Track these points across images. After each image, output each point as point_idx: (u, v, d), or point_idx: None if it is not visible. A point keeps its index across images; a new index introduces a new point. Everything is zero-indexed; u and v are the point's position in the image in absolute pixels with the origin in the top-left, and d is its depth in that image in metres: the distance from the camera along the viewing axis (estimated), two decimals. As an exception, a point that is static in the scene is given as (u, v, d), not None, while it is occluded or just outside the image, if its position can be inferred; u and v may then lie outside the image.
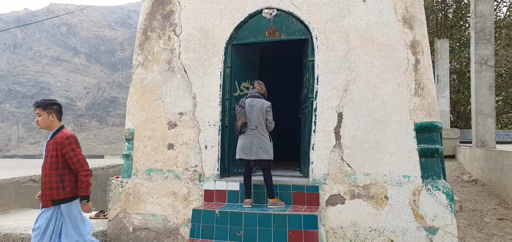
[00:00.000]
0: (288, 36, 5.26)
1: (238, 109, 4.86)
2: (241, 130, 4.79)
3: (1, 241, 5.12)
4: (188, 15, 5.62)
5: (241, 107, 4.84)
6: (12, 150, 53.48)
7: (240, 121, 4.78)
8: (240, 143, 4.84)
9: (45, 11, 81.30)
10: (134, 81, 5.76)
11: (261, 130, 4.80)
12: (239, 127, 4.80)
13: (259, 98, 4.90)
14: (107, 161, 11.89)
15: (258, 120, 4.79)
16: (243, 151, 4.78)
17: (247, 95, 5.00)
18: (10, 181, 6.63)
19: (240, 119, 4.79)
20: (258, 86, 5.03)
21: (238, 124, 4.80)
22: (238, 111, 4.84)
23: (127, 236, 5.34)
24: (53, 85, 66.71)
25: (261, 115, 4.80)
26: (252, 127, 4.78)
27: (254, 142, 4.75)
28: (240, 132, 4.82)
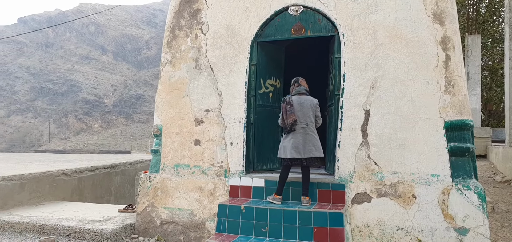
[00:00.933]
0: (314, 33, 5.24)
1: (286, 107, 4.71)
2: (291, 127, 4.68)
3: (37, 231, 5.35)
4: (214, 13, 5.69)
5: (289, 105, 4.70)
6: (44, 145, 55.51)
7: (291, 119, 4.65)
8: (290, 142, 4.69)
9: (75, 11, 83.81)
10: (162, 78, 5.88)
11: (311, 127, 4.76)
12: (290, 125, 4.66)
13: (307, 96, 4.85)
14: (134, 156, 12.19)
15: (308, 117, 4.74)
16: (295, 150, 4.65)
17: (294, 93, 4.88)
18: (45, 174, 6.91)
19: (291, 117, 4.66)
20: (304, 83, 4.94)
21: (288, 122, 4.66)
22: (287, 109, 4.69)
23: (155, 230, 5.48)
24: (82, 83, 68.76)
25: (311, 112, 4.77)
26: (303, 125, 4.70)
27: (307, 140, 4.68)
28: (290, 130, 4.69)
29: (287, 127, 4.70)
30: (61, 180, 7.20)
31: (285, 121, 4.71)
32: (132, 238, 5.39)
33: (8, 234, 5.37)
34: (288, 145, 4.72)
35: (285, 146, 4.75)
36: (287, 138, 4.77)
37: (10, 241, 5.16)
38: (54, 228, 5.30)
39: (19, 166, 8.03)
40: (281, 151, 4.80)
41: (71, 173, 7.45)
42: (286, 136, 4.78)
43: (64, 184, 7.26)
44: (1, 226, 5.50)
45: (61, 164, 8.33)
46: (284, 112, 4.73)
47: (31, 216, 5.75)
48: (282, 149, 4.79)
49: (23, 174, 6.57)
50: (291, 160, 4.73)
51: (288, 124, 4.69)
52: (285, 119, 4.71)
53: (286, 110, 4.72)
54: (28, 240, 5.15)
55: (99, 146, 46.76)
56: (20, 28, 78.48)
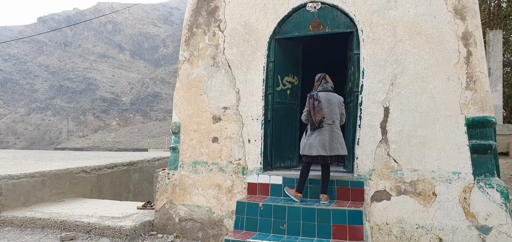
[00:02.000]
0: (333, 30, 5.20)
1: (314, 103, 4.62)
2: (319, 124, 4.61)
3: (58, 227, 5.47)
4: (232, 10, 5.69)
5: (317, 101, 4.63)
6: (62, 142, 56.66)
7: (319, 116, 4.58)
8: (317, 139, 4.60)
9: (92, 9, 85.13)
10: (181, 76, 5.92)
11: (337, 124, 4.71)
12: (318, 122, 4.59)
13: (333, 93, 4.80)
14: (152, 154, 12.33)
15: (335, 114, 4.69)
16: (322, 147, 4.58)
17: (320, 89, 4.80)
18: (65, 171, 7.05)
19: (319, 114, 4.58)
20: (330, 80, 4.88)
21: (317, 118, 4.58)
22: (315, 105, 4.61)
23: (173, 227, 5.53)
24: (100, 81, 69.86)
25: (338, 110, 4.73)
26: (329, 122, 4.64)
27: (333, 137, 4.63)
28: (318, 126, 4.62)
29: (314, 123, 4.61)
30: (81, 177, 7.34)
31: (313, 117, 4.62)
32: (150, 235, 5.46)
33: (30, 230, 5.51)
34: (314, 142, 4.62)
35: (311, 142, 4.65)
36: (312, 135, 4.66)
37: (32, 237, 5.29)
38: (74, 224, 5.41)
39: (40, 163, 8.22)
40: (306, 148, 4.68)
41: (91, 170, 7.59)
42: (312, 133, 4.68)
43: (84, 181, 7.39)
44: (24, 222, 5.64)
45: (80, 161, 8.49)
46: (311, 109, 4.63)
47: (52, 212, 5.88)
48: (307, 146, 4.67)
49: (44, 171, 6.72)
50: (316, 158, 4.66)
51: (316, 121, 4.60)
52: (313, 116, 4.62)
53: (314, 107, 4.62)
54: (50, 236, 5.27)
55: (117, 144, 47.48)
56: (39, 28, 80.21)
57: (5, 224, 5.70)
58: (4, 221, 5.73)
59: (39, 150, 25.71)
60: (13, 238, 5.21)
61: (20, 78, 73.77)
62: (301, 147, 4.79)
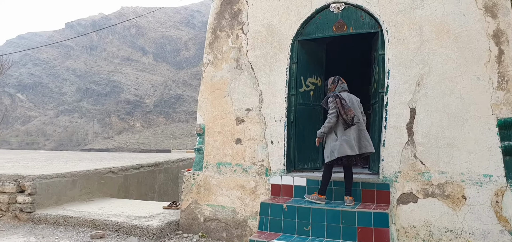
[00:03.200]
0: (357, 30, 5.16)
1: (342, 102, 4.57)
2: (352, 122, 4.53)
3: (88, 225, 5.64)
4: (255, 13, 5.73)
5: (344, 101, 4.59)
6: (88, 143, 58.17)
7: (351, 113, 4.51)
8: (348, 138, 4.53)
9: (117, 14, 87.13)
10: (205, 79, 6.00)
11: (362, 122, 4.72)
12: (351, 119, 4.51)
13: (350, 93, 4.82)
14: (175, 155, 12.52)
15: (359, 113, 4.71)
16: (350, 147, 4.51)
17: (338, 90, 4.79)
18: (94, 171, 7.26)
19: (350, 111, 4.52)
20: (345, 82, 4.91)
21: (349, 116, 4.51)
22: (343, 104, 4.55)
23: (198, 226, 5.61)
24: (124, 84, 71.38)
25: (360, 109, 4.77)
26: (356, 120, 4.60)
27: (361, 135, 4.62)
28: (351, 123, 4.54)
29: (347, 121, 4.52)
30: (109, 177, 7.54)
31: (344, 116, 4.52)
32: (176, 234, 5.55)
33: (62, 228, 5.70)
34: (343, 143, 4.53)
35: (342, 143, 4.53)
36: (344, 135, 4.55)
37: (64, 234, 5.47)
38: (104, 223, 5.56)
39: (70, 163, 8.48)
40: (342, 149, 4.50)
41: (118, 171, 7.78)
42: (342, 133, 4.57)
43: (111, 181, 7.59)
44: (57, 220, 5.84)
45: (107, 162, 8.71)
46: (340, 108, 4.55)
47: (83, 211, 6.06)
48: (338, 148, 4.52)
49: (75, 172, 6.94)
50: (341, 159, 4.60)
51: (348, 119, 4.51)
52: (344, 115, 4.53)
53: (343, 106, 4.56)
54: (81, 234, 5.44)
55: (141, 145, 48.39)
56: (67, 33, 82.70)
57: (40, 221, 5.93)
58: (39, 219, 5.95)
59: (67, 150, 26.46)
60: (47, 235, 5.41)
61: (49, 81, 76.24)
62: (332, 151, 4.61)
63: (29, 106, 73.22)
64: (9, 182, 6.33)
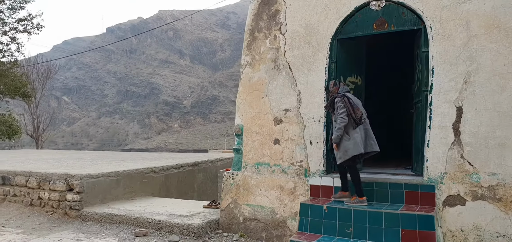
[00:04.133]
0: (398, 27, 5.01)
1: (349, 102, 4.67)
2: (361, 120, 4.62)
3: (132, 223, 5.84)
4: (293, 13, 5.71)
5: (351, 100, 4.71)
6: (129, 144, 60.22)
7: (359, 112, 4.64)
8: (359, 136, 4.59)
9: (155, 18, 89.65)
10: (243, 80, 6.05)
11: (367, 121, 4.79)
12: (359, 118, 4.61)
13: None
14: (213, 155, 12.71)
15: (364, 112, 4.80)
16: (362, 145, 4.59)
17: (342, 91, 4.85)
18: (136, 171, 7.51)
19: (358, 111, 4.64)
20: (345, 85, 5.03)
21: (358, 115, 4.61)
22: (351, 103, 4.66)
23: (238, 226, 5.67)
24: (162, 86, 73.30)
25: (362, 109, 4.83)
26: (363, 119, 4.71)
27: (368, 134, 4.70)
28: (359, 122, 4.62)
29: (356, 120, 4.61)
30: (150, 176, 7.77)
31: (353, 116, 4.61)
32: (216, 233, 5.63)
33: (108, 225, 5.94)
34: (356, 141, 4.58)
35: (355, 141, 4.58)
36: (355, 133, 4.61)
37: (110, 231, 5.70)
38: (146, 221, 5.74)
39: (114, 163, 8.81)
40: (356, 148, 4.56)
41: (159, 170, 8.01)
42: (353, 131, 4.62)
43: (153, 181, 7.82)
44: (103, 218, 6.10)
45: (149, 162, 8.98)
46: (348, 107, 4.63)
47: (127, 209, 6.29)
48: (353, 147, 4.56)
49: (118, 171, 7.21)
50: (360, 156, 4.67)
51: (357, 118, 4.61)
52: (352, 114, 4.62)
53: (351, 105, 4.65)
54: (125, 231, 5.65)
55: (179, 145, 49.52)
56: (108, 37, 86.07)
57: (87, 218, 6.22)
58: (86, 216, 6.24)
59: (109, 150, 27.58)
60: (95, 232, 5.66)
61: (91, 84, 79.68)
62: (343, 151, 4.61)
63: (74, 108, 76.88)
64: (59, 181, 6.68)
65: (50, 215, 6.57)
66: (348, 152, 4.59)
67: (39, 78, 34.01)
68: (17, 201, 7.19)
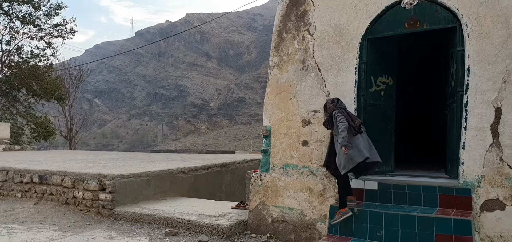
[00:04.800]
0: (431, 26, 4.87)
1: (347, 112, 4.79)
2: (360, 128, 4.65)
3: (162, 223, 5.94)
4: (322, 13, 5.66)
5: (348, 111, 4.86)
6: (158, 145, 61.43)
7: (358, 121, 4.71)
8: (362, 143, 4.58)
9: (182, 21, 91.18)
10: (270, 81, 6.04)
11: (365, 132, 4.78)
12: (358, 127, 4.63)
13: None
14: (241, 156, 12.77)
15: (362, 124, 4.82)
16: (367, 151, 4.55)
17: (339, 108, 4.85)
18: (166, 172, 7.64)
19: (357, 120, 4.74)
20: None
21: (357, 123, 4.64)
22: (348, 113, 4.79)
23: (266, 227, 5.66)
24: (190, 88, 74.39)
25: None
26: (363, 129, 4.73)
27: (370, 143, 4.70)
28: (359, 131, 4.63)
29: (355, 127, 4.61)
30: (180, 177, 7.89)
31: (352, 124, 4.63)
32: (245, 234, 5.65)
33: (139, 224, 6.07)
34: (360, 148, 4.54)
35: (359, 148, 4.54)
36: (357, 141, 4.59)
37: (141, 230, 5.82)
38: (176, 221, 5.83)
39: (144, 164, 9.00)
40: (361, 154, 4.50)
41: (188, 171, 8.12)
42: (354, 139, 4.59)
43: (182, 181, 7.93)
44: (134, 217, 6.24)
45: (178, 162, 9.11)
46: (347, 117, 4.67)
47: (157, 209, 6.40)
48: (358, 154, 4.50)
49: (149, 172, 7.36)
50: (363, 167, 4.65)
51: (356, 126, 4.62)
52: (352, 123, 4.63)
53: (349, 115, 4.74)
54: (156, 231, 5.75)
55: (206, 146, 50.09)
56: (137, 41, 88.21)
57: (119, 218, 6.38)
58: (118, 215, 6.40)
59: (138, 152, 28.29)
60: (126, 231, 5.80)
61: (122, 87, 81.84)
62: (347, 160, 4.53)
63: (105, 110, 79.20)
64: (92, 180, 6.88)
65: (84, 214, 6.78)
66: (353, 159, 4.51)
67: (72, 81, 35.23)
68: (53, 200, 7.46)
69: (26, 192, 7.94)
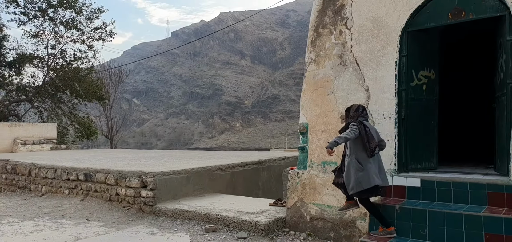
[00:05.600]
0: (478, 16, 4.63)
1: (365, 130, 4.39)
2: (373, 152, 4.36)
3: (202, 219, 6.05)
4: (359, 6, 5.53)
5: (367, 128, 4.42)
6: (194, 143, 62.62)
7: (374, 143, 4.36)
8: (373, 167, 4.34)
9: (216, 20, 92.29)
10: (307, 77, 5.99)
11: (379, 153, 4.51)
12: (372, 150, 4.34)
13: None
14: (276, 153, 12.75)
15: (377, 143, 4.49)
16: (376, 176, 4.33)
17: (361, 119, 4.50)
18: (205, 169, 7.77)
19: (373, 142, 4.36)
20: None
21: (372, 146, 4.34)
22: (367, 131, 4.38)
23: (305, 225, 5.62)
24: (225, 87, 75.20)
25: (378, 139, 4.52)
26: (377, 151, 4.44)
27: (381, 166, 4.50)
28: (372, 154, 4.35)
29: (370, 150, 4.31)
30: (218, 174, 8.00)
31: (368, 145, 4.32)
32: (283, 231, 5.64)
33: (180, 221, 6.22)
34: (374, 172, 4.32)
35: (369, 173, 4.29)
36: (369, 164, 4.32)
37: (181, 226, 5.96)
38: (216, 217, 5.92)
39: (183, 161, 9.20)
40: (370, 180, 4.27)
41: (225, 168, 8.21)
42: (367, 161, 4.33)
43: (220, 178, 8.04)
44: (174, 213, 6.40)
45: (215, 160, 9.24)
46: (364, 135, 4.33)
47: (197, 206, 6.53)
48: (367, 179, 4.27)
49: (188, 169, 7.52)
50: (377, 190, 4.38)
51: (371, 148, 4.31)
52: (367, 143, 4.32)
53: (367, 133, 4.36)
54: (196, 227, 5.87)
55: (241, 144, 50.53)
56: (173, 41, 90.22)
57: (160, 214, 6.56)
58: (159, 212, 6.59)
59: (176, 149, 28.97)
60: (167, 227, 5.96)
61: (159, 87, 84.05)
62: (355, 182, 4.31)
63: (143, 110, 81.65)
64: (134, 178, 7.11)
65: (126, 210, 7.02)
66: (361, 183, 4.30)
67: (112, 82, 36.50)
68: (98, 196, 7.79)
69: (73, 189, 8.34)
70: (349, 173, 4.43)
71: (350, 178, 4.40)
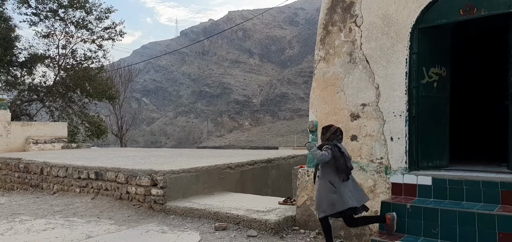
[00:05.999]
0: (490, 11, 4.57)
1: (340, 151, 4.41)
2: (348, 177, 4.39)
3: (212, 217, 6.07)
4: (369, 4, 5.49)
5: (342, 149, 4.46)
6: (203, 141, 62.85)
7: (350, 165, 4.43)
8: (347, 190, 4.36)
9: (225, 19, 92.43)
10: (316, 75, 5.97)
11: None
12: (347, 174, 4.39)
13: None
14: (285, 151, 12.74)
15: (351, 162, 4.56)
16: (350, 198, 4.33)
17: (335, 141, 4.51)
18: (214, 167, 7.79)
19: (349, 161, 4.44)
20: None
21: (350, 165, 4.43)
22: (342, 153, 4.40)
23: (315, 223, 5.60)
24: (233, 85, 75.29)
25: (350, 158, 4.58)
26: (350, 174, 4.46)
27: (355, 184, 4.55)
28: (347, 178, 4.38)
29: (345, 173, 4.36)
30: (227, 172, 8.01)
31: (343, 167, 4.35)
32: (293, 230, 5.64)
33: (190, 219, 6.24)
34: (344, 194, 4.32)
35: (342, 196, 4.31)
36: (343, 187, 4.33)
37: (192, 224, 5.99)
38: (225, 216, 5.93)
39: (192, 160, 9.23)
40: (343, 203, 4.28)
41: (235, 167, 8.23)
42: (340, 184, 4.34)
43: (229, 177, 8.05)
44: (184, 211, 6.43)
45: (224, 158, 9.25)
46: (338, 157, 4.34)
47: (206, 204, 6.55)
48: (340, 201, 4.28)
49: (198, 167, 7.54)
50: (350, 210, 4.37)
51: (346, 171, 4.37)
52: (342, 165, 4.35)
53: (342, 155, 4.39)
54: (206, 225, 5.89)
55: (249, 142, 50.57)
56: (182, 40, 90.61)
57: (170, 212, 6.60)
58: (169, 210, 6.63)
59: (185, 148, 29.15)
60: (177, 225, 5.99)
61: (168, 86, 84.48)
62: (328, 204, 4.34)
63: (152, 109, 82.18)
64: (144, 176, 7.16)
65: (137, 208, 7.08)
66: (335, 206, 4.32)
67: (122, 81, 36.78)
68: (108, 195, 7.86)
69: (84, 187, 8.43)
70: (320, 195, 4.47)
71: (322, 200, 4.43)
